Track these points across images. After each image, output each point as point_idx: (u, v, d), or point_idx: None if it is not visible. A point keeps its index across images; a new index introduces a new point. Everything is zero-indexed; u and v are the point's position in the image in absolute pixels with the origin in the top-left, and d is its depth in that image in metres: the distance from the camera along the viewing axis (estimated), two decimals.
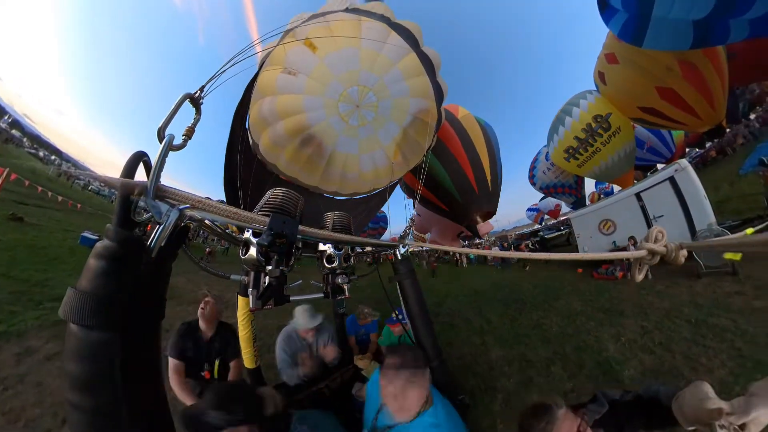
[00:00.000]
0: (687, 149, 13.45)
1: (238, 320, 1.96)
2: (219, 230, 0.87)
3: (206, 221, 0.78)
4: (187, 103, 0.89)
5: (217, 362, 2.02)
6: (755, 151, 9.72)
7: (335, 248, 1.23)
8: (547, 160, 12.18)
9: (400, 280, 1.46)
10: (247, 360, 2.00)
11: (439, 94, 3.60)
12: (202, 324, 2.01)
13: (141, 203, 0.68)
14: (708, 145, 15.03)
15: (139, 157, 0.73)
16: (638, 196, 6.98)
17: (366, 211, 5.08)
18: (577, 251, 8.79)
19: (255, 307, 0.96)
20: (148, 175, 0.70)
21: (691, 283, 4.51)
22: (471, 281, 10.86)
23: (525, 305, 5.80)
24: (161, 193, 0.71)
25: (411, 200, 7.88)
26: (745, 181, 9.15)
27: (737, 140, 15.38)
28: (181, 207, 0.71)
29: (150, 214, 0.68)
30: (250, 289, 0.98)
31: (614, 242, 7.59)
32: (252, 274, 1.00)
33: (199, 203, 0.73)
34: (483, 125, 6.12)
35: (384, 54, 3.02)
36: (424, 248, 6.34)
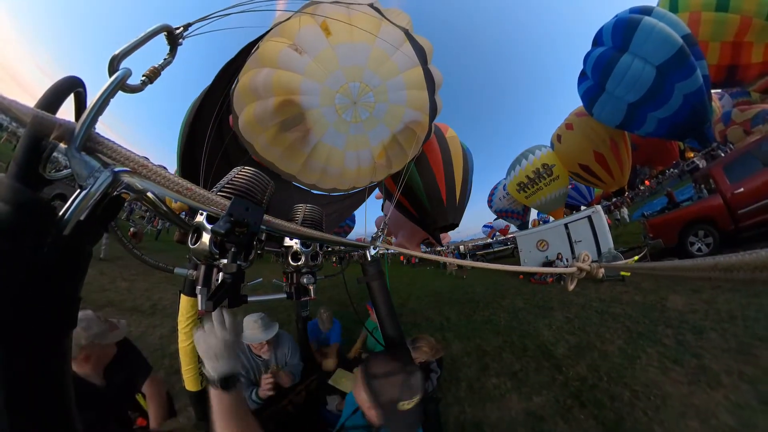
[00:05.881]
0: (601, 200, 18.93)
1: (180, 327, 1.36)
2: (165, 208, 0.65)
3: (149, 194, 0.54)
4: (162, 37, 0.65)
5: (139, 397, 1.50)
6: (641, 207, 15.10)
7: (303, 245, 1.05)
8: (504, 189, 14.51)
9: (369, 281, 1.31)
10: (189, 381, 1.38)
11: (433, 111, 3.61)
12: (86, 371, 1.24)
13: (60, 154, 0.45)
14: (614, 199, 20.36)
15: (72, 86, 0.51)
16: (566, 225, 8.78)
17: (341, 209, 4.81)
18: (519, 263, 10.25)
19: (205, 310, 0.73)
20: (78, 116, 0.47)
21: (597, 286, 5.70)
22: (431, 284, 11.45)
23: (478, 304, 6.29)
24: (93, 145, 0.47)
25: (384, 202, 8.29)
26: (633, 224, 12.72)
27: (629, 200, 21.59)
28: (117, 169, 0.48)
29: (69, 170, 0.45)
30: (199, 287, 0.75)
31: (547, 257, 9.22)
32: (202, 268, 0.77)
33: (144, 168, 0.51)
34: (465, 149, 6.39)
35: (393, 60, 2.91)
36: (391, 251, 6.61)
